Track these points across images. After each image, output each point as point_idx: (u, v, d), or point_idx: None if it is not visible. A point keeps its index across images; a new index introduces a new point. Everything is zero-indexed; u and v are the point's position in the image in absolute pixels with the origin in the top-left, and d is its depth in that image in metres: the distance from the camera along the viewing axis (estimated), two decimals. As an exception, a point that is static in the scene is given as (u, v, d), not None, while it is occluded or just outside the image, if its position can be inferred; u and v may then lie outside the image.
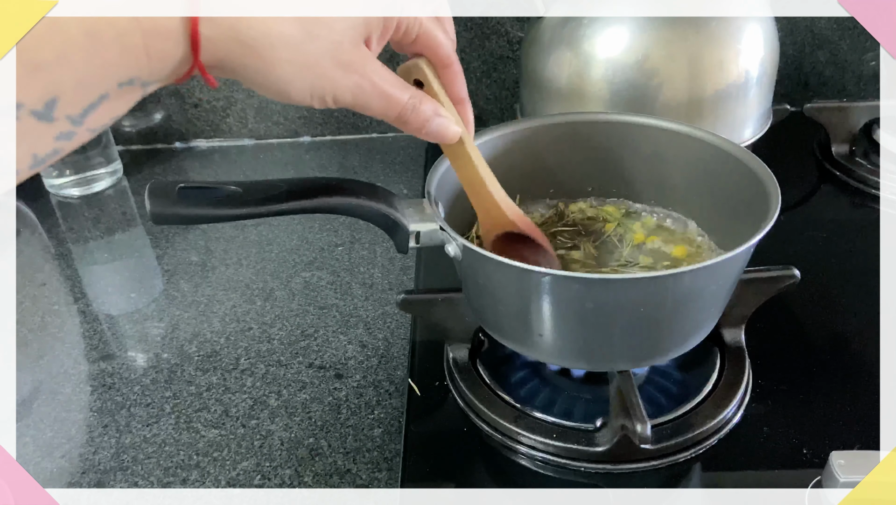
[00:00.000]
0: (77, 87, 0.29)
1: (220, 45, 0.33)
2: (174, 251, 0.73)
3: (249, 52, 0.34)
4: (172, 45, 0.31)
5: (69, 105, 0.29)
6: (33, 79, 0.28)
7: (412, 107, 0.39)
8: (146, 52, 0.31)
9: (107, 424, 0.54)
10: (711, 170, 0.52)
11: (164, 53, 0.31)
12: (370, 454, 0.50)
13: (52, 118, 0.29)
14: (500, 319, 0.47)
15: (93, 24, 0.29)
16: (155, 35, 0.31)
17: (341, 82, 0.36)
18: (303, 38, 0.34)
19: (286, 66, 0.34)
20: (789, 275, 0.51)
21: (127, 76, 0.31)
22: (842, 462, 0.39)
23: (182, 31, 0.31)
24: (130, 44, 0.30)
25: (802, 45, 0.92)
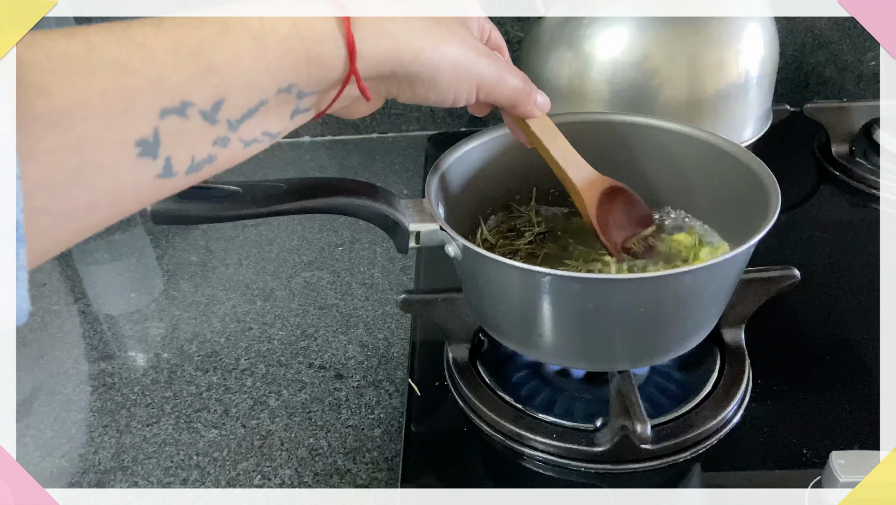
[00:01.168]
0: (242, 90, 0.31)
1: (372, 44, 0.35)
2: (174, 251, 0.74)
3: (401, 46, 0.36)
4: (332, 48, 0.33)
5: (232, 108, 0.31)
6: (206, 79, 0.29)
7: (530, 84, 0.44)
8: (306, 57, 0.32)
9: (107, 424, 0.54)
10: (711, 170, 0.52)
11: (323, 58, 0.33)
12: (370, 454, 0.50)
13: (215, 120, 0.30)
14: (500, 319, 0.47)
15: (258, 29, 0.31)
16: (314, 41, 0.33)
17: (482, 67, 0.39)
18: (435, 28, 0.37)
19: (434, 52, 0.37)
20: (789, 275, 0.51)
21: (287, 81, 0.32)
22: (842, 462, 0.39)
23: (338, 35, 0.33)
24: (291, 47, 0.32)
25: (802, 45, 0.92)
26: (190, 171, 0.31)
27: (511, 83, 0.42)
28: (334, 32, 0.33)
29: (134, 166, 0.28)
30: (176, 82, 0.28)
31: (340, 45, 0.33)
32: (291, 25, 0.32)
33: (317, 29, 0.33)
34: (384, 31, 0.35)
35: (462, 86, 0.39)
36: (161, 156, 0.29)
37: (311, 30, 0.33)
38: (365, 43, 0.34)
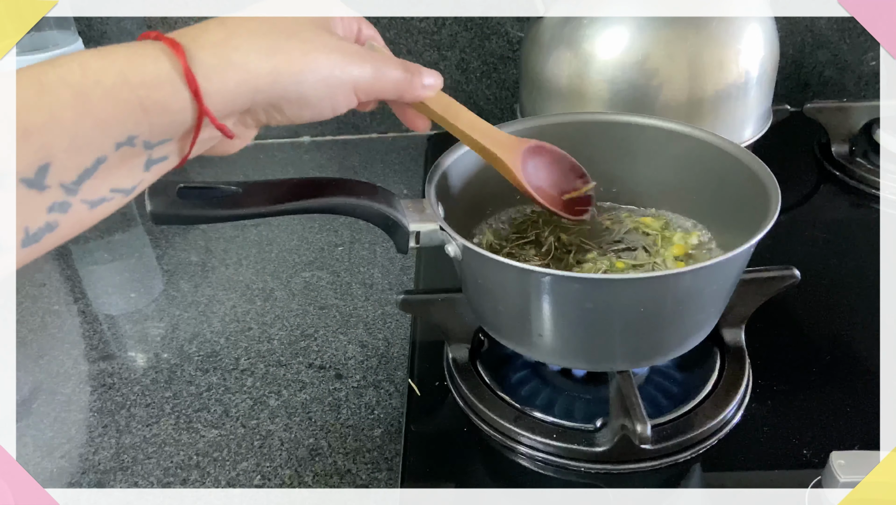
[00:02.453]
0: (69, 150, 0.28)
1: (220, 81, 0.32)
2: (174, 251, 0.73)
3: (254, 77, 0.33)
4: (170, 93, 0.30)
5: (62, 171, 0.28)
6: (24, 144, 0.26)
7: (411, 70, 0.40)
8: (141, 106, 0.30)
9: (107, 424, 0.54)
10: (711, 170, 0.52)
11: (163, 104, 0.30)
12: (370, 454, 0.50)
13: (43, 186, 0.28)
14: (500, 319, 0.47)
15: (79, 83, 0.28)
16: (147, 87, 0.30)
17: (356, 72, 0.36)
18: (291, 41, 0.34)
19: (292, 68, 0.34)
20: (789, 275, 0.51)
21: (124, 135, 0.30)
22: (842, 462, 0.39)
23: (177, 77, 0.30)
24: (122, 99, 0.29)
25: (802, 45, 0.92)
26: (27, 243, 0.28)
27: (390, 76, 0.39)
28: (170, 74, 0.30)
29: None
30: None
31: (180, 88, 0.30)
32: (118, 74, 0.29)
33: (148, 73, 0.30)
34: (229, 61, 0.32)
35: (337, 95, 0.36)
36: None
37: (142, 75, 0.30)
38: (210, 80, 0.31)
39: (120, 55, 0.30)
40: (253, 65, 0.32)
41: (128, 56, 0.30)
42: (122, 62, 0.29)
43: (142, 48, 0.31)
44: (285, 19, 0.35)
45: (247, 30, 0.33)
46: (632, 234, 0.54)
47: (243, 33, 0.33)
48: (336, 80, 0.35)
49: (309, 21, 0.36)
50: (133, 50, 0.30)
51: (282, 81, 0.33)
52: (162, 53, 0.30)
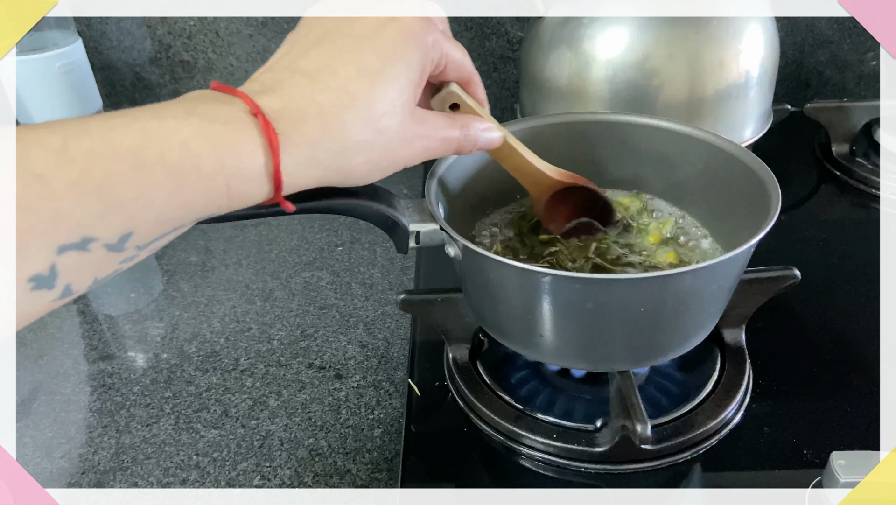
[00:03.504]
0: (153, 224, 0.29)
1: (302, 176, 0.33)
2: (174, 251, 0.73)
3: (332, 172, 0.34)
4: (256, 186, 0.32)
5: (141, 237, 0.29)
6: (113, 216, 0.27)
7: (464, 136, 0.41)
8: (228, 194, 0.31)
9: (106, 424, 0.54)
10: (711, 170, 0.52)
11: (247, 196, 0.32)
12: (370, 454, 0.50)
13: (122, 248, 0.29)
14: (500, 319, 0.47)
15: (177, 166, 0.29)
16: (238, 179, 0.31)
17: (411, 153, 0.37)
18: (375, 138, 0.35)
19: (364, 166, 0.35)
20: (789, 275, 0.51)
21: (205, 213, 0.31)
22: (842, 462, 0.39)
23: (265, 174, 0.31)
24: (213, 186, 0.30)
25: (802, 45, 0.92)
26: (92, 286, 0.29)
27: (441, 148, 0.40)
28: (262, 171, 0.31)
29: (26, 298, 0.26)
30: (77, 218, 0.26)
31: (265, 183, 0.32)
32: (216, 162, 0.30)
33: (243, 167, 0.30)
34: (316, 162, 0.33)
35: (389, 171, 0.37)
36: (59, 285, 0.27)
37: (237, 167, 0.30)
38: (294, 176, 0.32)
39: (221, 141, 0.30)
40: (334, 165, 0.34)
41: (228, 144, 0.30)
42: (222, 150, 0.30)
43: (241, 133, 0.31)
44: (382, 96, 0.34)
45: (341, 123, 0.33)
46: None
47: (337, 127, 0.33)
48: (388, 168, 0.37)
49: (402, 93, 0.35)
50: (233, 137, 0.30)
51: (351, 176, 0.36)
52: (259, 148, 0.31)
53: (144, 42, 0.90)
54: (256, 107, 0.31)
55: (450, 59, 0.40)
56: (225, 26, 0.90)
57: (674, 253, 0.52)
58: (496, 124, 0.44)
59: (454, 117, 0.41)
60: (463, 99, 0.42)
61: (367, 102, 0.34)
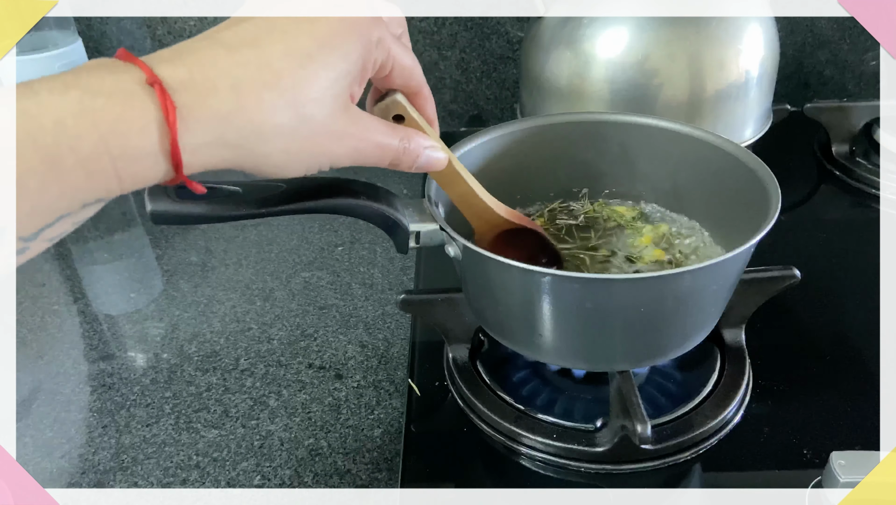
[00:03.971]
0: (30, 215, 0.26)
1: (205, 155, 0.29)
2: (174, 251, 0.73)
3: (242, 154, 0.31)
4: (150, 165, 0.28)
5: (21, 229, 0.26)
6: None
7: (403, 149, 0.38)
8: (117, 175, 0.27)
9: (107, 425, 0.54)
10: (711, 170, 0.52)
11: (139, 176, 0.28)
12: (370, 454, 0.50)
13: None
14: (500, 319, 0.47)
15: (52, 148, 0.25)
16: (127, 159, 0.27)
17: (338, 151, 0.34)
18: (296, 124, 0.31)
19: (281, 155, 0.32)
20: (789, 275, 0.51)
21: (93, 197, 0.27)
22: (842, 462, 0.39)
23: (160, 151, 0.28)
24: (96, 169, 0.26)
25: (802, 45, 0.92)
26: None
27: (376, 154, 0.36)
28: (155, 149, 0.27)
29: None
30: None
31: (161, 161, 0.28)
32: (98, 142, 0.26)
33: (131, 144, 0.27)
34: (224, 141, 0.29)
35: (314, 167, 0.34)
36: None
37: (124, 146, 0.27)
38: (196, 155, 0.29)
39: (104, 116, 0.26)
40: (246, 146, 0.30)
41: (113, 119, 0.26)
42: (105, 128, 0.26)
43: (130, 106, 0.27)
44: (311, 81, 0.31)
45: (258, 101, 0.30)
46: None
47: (252, 105, 0.30)
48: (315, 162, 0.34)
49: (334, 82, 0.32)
50: (120, 111, 0.27)
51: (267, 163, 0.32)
52: (152, 122, 0.27)
53: (144, 42, 0.90)
54: (154, 76, 0.28)
55: (397, 62, 0.37)
56: (225, 26, 0.90)
57: (661, 251, 0.52)
58: (442, 145, 0.42)
59: (395, 127, 0.38)
60: (408, 111, 0.40)
61: (292, 83, 0.30)
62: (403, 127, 0.39)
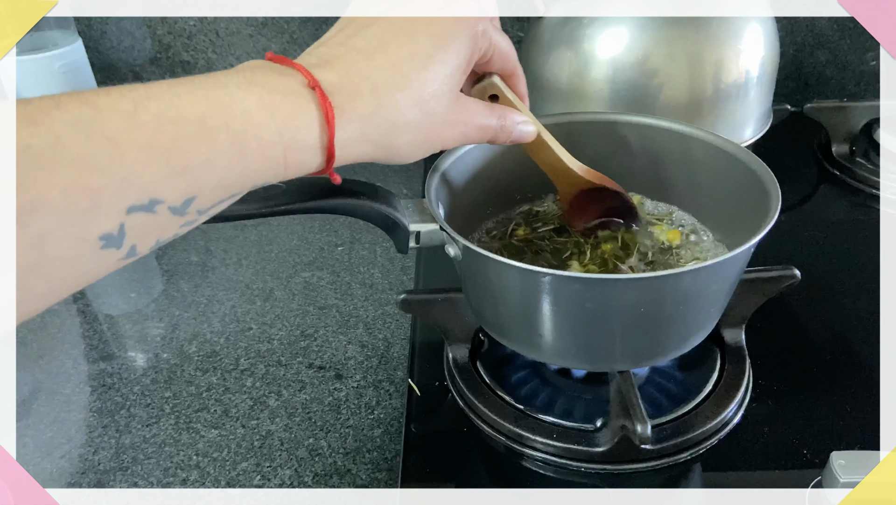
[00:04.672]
0: (215, 189, 0.30)
1: (351, 150, 0.34)
2: (174, 251, 0.73)
3: (379, 149, 0.35)
4: (310, 157, 0.33)
5: (203, 202, 0.30)
6: (179, 179, 0.28)
7: (500, 126, 0.42)
8: (284, 163, 0.32)
9: (107, 425, 0.54)
10: (711, 170, 0.52)
11: (300, 165, 0.33)
12: (370, 454, 0.50)
13: (185, 213, 0.30)
14: (500, 319, 0.47)
15: (240, 134, 0.30)
16: (295, 149, 0.32)
17: (450, 136, 0.38)
18: (422, 119, 0.36)
19: (408, 146, 0.36)
20: (789, 275, 0.51)
21: (262, 181, 0.32)
22: (842, 462, 0.39)
23: (319, 145, 0.33)
24: (272, 155, 0.31)
25: (802, 45, 0.92)
26: (153, 248, 0.31)
27: (478, 135, 0.41)
28: (317, 143, 0.33)
29: (96, 256, 0.28)
30: (146, 181, 0.27)
31: (319, 154, 0.33)
32: (275, 132, 0.31)
33: (300, 138, 0.32)
34: (367, 138, 0.34)
35: (428, 151, 0.38)
36: (126, 245, 0.28)
37: (294, 138, 0.32)
38: (345, 150, 0.34)
39: (281, 112, 0.31)
40: (383, 142, 0.35)
41: (287, 115, 0.31)
42: (281, 120, 0.31)
43: (299, 105, 0.32)
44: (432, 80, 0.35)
45: (393, 103, 0.34)
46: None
47: (389, 106, 0.34)
48: (430, 147, 0.38)
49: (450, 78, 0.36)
50: (292, 108, 0.31)
51: (397, 154, 0.36)
52: (315, 121, 0.32)
53: (144, 42, 0.91)
54: (314, 80, 0.32)
55: (497, 49, 0.40)
56: (225, 26, 0.90)
57: (677, 231, 0.53)
58: (532, 119, 0.45)
59: (493, 107, 0.42)
60: (502, 91, 0.43)
61: (419, 84, 0.35)
62: (499, 106, 0.42)
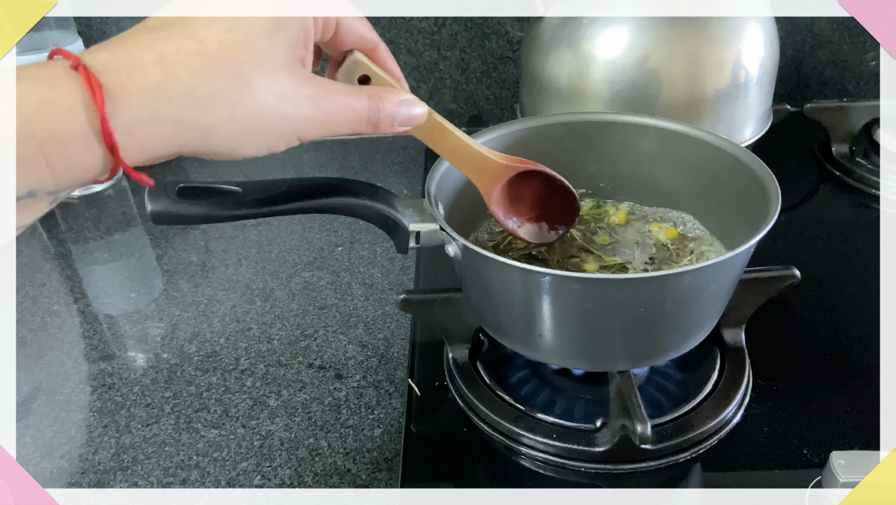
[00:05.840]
0: None
1: (146, 136, 0.28)
2: (174, 251, 0.73)
3: (186, 132, 0.29)
4: (82, 149, 0.27)
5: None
6: None
7: (377, 108, 0.35)
8: (46, 162, 0.26)
9: (107, 424, 0.54)
10: (711, 170, 0.52)
11: (72, 160, 0.27)
12: (370, 454, 0.50)
13: None
14: (500, 319, 0.47)
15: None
16: (55, 142, 0.26)
17: (299, 117, 0.32)
18: (235, 88, 0.29)
19: (229, 125, 0.30)
20: (789, 275, 0.51)
21: (24, 189, 0.26)
22: (842, 462, 0.39)
23: (91, 133, 0.27)
24: (23, 154, 0.25)
25: (802, 45, 0.92)
26: None
27: (344, 116, 0.34)
28: (84, 129, 0.26)
29: None
30: None
31: (94, 144, 0.27)
32: (23, 124, 0.25)
33: (57, 127, 0.26)
34: (158, 115, 0.28)
35: (276, 140, 0.32)
36: None
37: (50, 129, 0.26)
38: (132, 134, 0.27)
39: (28, 97, 0.25)
40: (185, 120, 0.29)
41: (36, 102, 0.26)
42: (28, 110, 0.25)
43: (54, 88, 0.26)
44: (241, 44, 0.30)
45: (188, 70, 0.28)
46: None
47: (183, 74, 0.28)
48: (275, 131, 0.32)
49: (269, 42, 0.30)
50: (43, 93, 0.26)
51: (214, 138, 0.30)
52: (78, 102, 0.26)
53: (144, 42, 0.90)
54: (77, 59, 0.27)
55: (341, 18, 0.35)
56: (225, 26, 0.90)
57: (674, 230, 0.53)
58: (417, 99, 0.38)
59: (361, 87, 0.35)
60: (371, 69, 0.37)
61: (220, 47, 0.29)
62: (370, 86, 0.36)
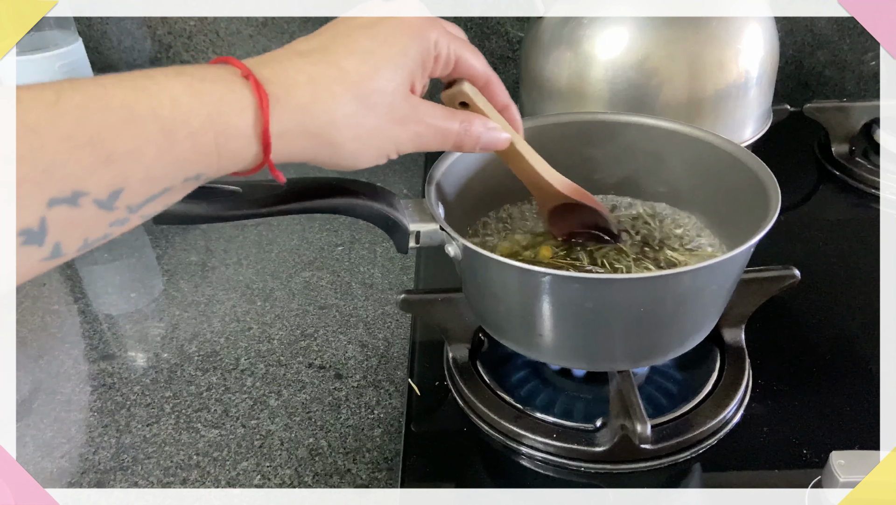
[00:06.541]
0: (144, 181, 0.29)
1: (291, 142, 0.34)
2: (174, 251, 0.74)
3: (321, 145, 0.35)
4: (245, 144, 0.32)
5: (132, 196, 0.29)
6: (104, 170, 0.28)
7: (464, 131, 0.41)
8: (217, 151, 0.31)
9: (107, 424, 0.54)
10: (711, 170, 0.52)
11: (235, 153, 0.32)
12: (370, 454, 0.50)
13: (112, 207, 0.29)
14: (500, 318, 0.47)
15: (168, 118, 0.29)
16: (227, 136, 0.31)
17: (402, 137, 0.38)
18: (363, 113, 0.35)
19: (352, 143, 0.36)
20: (789, 275, 0.51)
21: (195, 172, 0.31)
22: (842, 462, 0.39)
23: (253, 133, 0.32)
24: (203, 142, 0.30)
25: (802, 45, 0.92)
26: (81, 249, 0.30)
27: (435, 138, 0.40)
28: (250, 130, 0.32)
29: (17, 252, 0.27)
30: (68, 172, 0.26)
31: (254, 143, 0.32)
32: (206, 118, 0.30)
33: (232, 124, 0.31)
34: (305, 129, 0.34)
35: (382, 156, 0.38)
36: (48, 243, 0.27)
37: (226, 125, 0.31)
38: (283, 141, 0.33)
39: (211, 97, 0.31)
40: (323, 136, 0.34)
41: (217, 100, 0.31)
42: (211, 107, 0.30)
43: (231, 91, 0.31)
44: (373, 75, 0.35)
45: (330, 93, 0.34)
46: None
47: (326, 97, 0.34)
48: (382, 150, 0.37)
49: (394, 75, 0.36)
50: (223, 94, 0.31)
51: (341, 153, 0.36)
52: (249, 107, 0.32)
53: (144, 42, 0.91)
54: (247, 69, 0.32)
55: (460, 57, 0.41)
56: (225, 26, 0.90)
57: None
58: (506, 126, 0.44)
59: (454, 112, 0.41)
60: (471, 97, 0.42)
61: (357, 77, 0.35)
62: (464, 111, 0.42)
